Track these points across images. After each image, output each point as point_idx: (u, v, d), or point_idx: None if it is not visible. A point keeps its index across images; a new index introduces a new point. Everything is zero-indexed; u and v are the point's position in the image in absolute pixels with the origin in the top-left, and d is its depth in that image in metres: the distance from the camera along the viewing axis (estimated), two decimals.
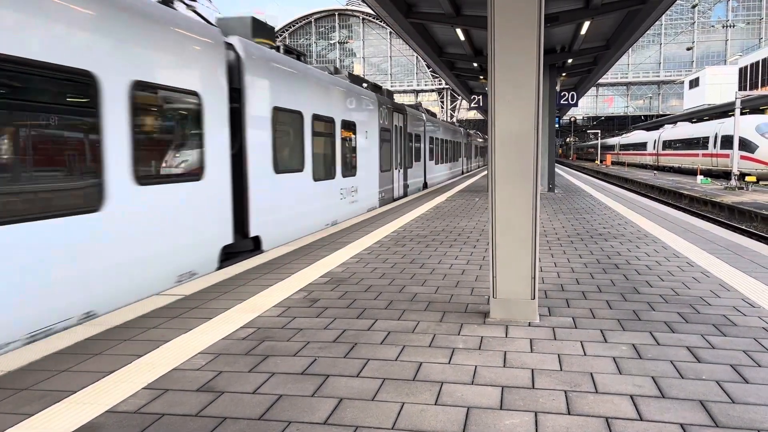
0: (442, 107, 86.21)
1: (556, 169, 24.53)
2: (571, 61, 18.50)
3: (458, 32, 14.77)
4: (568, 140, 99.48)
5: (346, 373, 3.28)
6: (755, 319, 4.21)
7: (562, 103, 18.73)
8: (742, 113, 29.17)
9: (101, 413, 2.80)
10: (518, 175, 4.15)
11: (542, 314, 4.38)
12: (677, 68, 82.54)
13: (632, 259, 6.54)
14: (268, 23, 9.40)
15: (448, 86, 74.55)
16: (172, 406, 2.88)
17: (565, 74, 21.90)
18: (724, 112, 40.77)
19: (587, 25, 13.86)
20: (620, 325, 4.10)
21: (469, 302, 4.79)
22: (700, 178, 31.55)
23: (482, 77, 21.98)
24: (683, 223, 9.66)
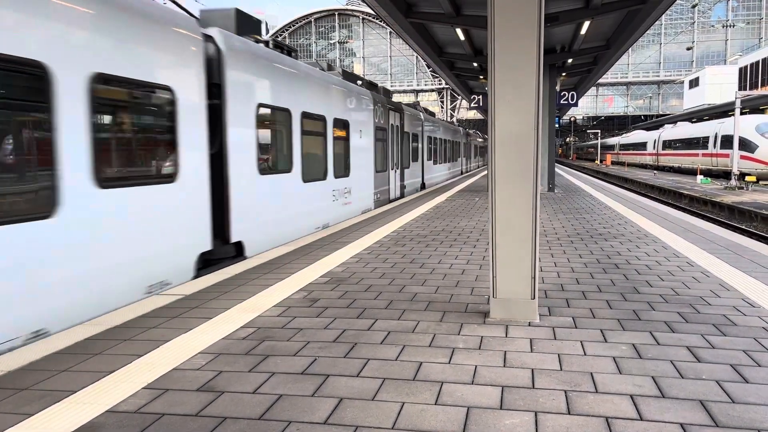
0: (442, 107, 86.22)
1: (556, 168, 24.54)
2: (571, 61, 18.51)
3: (458, 32, 14.78)
4: (568, 140, 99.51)
5: (346, 372, 3.28)
6: (755, 318, 4.21)
7: (562, 102, 18.74)
8: (742, 113, 29.20)
9: (101, 413, 2.80)
10: (518, 175, 4.15)
11: (542, 314, 4.39)
12: (677, 68, 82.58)
13: (632, 258, 6.54)
14: (254, 17, 8.99)
15: (448, 86, 74.56)
16: (172, 405, 2.88)
17: (565, 74, 21.92)
18: (724, 111, 40.79)
19: (587, 24, 13.87)
20: (620, 324, 4.10)
21: (469, 302, 4.80)
22: (700, 177, 31.57)
23: (482, 77, 21.99)
24: (683, 222, 9.66)
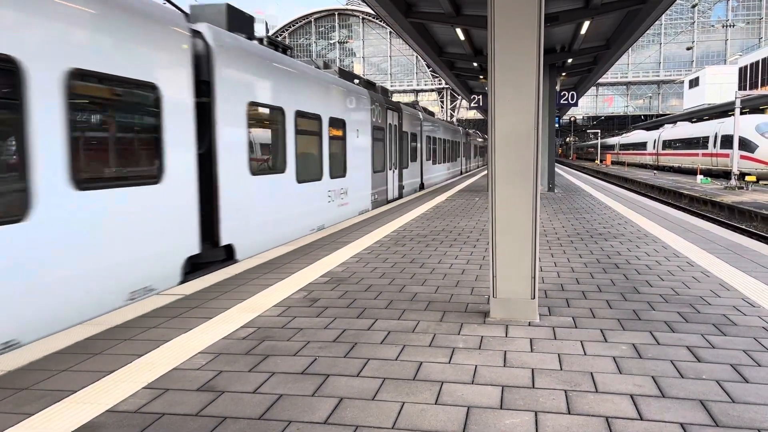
0: (441, 107, 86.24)
1: (556, 168, 24.53)
2: (571, 60, 18.50)
3: (458, 32, 14.77)
4: (568, 140, 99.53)
5: (346, 372, 3.28)
6: (755, 318, 4.21)
7: (562, 102, 18.74)
8: (741, 113, 29.19)
9: (101, 413, 2.80)
10: (518, 175, 4.15)
11: (542, 314, 4.39)
12: (677, 68, 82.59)
13: (632, 258, 6.54)
14: (247, 12, 8.73)
15: (448, 86, 74.53)
16: (172, 405, 2.88)
17: (565, 74, 21.91)
18: (723, 111, 40.79)
19: (587, 24, 13.87)
20: (620, 324, 4.10)
21: (469, 302, 4.79)
22: (699, 177, 31.58)
23: (482, 77, 21.98)
24: (683, 222, 9.66)
